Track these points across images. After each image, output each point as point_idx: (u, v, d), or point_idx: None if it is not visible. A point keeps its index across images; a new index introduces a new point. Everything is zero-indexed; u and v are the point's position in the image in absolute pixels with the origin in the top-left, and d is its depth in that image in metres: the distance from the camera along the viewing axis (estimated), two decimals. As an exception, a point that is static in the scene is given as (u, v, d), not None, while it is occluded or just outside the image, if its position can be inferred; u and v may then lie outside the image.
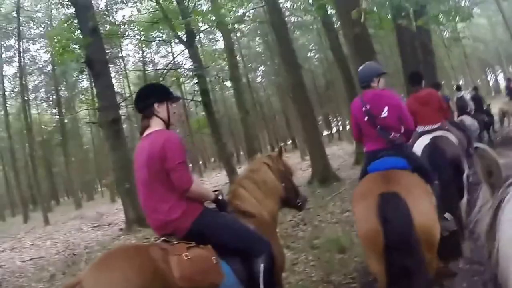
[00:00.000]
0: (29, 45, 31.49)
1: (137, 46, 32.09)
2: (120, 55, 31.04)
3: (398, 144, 4.15)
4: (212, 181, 25.54)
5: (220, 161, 24.51)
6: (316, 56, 44.14)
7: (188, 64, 21.41)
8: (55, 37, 14.68)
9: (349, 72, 16.20)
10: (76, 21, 14.69)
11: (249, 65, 39.66)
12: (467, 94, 12.28)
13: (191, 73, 19.01)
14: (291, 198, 4.09)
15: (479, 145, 1.39)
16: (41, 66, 33.17)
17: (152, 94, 3.41)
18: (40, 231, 19.90)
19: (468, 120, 9.95)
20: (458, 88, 12.24)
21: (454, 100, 11.16)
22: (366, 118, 4.24)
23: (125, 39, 21.28)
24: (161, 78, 18.94)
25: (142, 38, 20.85)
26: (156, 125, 3.32)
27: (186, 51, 18.94)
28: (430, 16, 10.26)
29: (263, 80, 46.57)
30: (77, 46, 14.46)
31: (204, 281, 2.90)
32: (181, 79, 20.83)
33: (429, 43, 11.95)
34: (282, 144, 52.87)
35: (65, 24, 16.03)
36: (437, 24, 13.08)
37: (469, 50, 41.14)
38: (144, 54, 36.05)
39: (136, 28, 20.37)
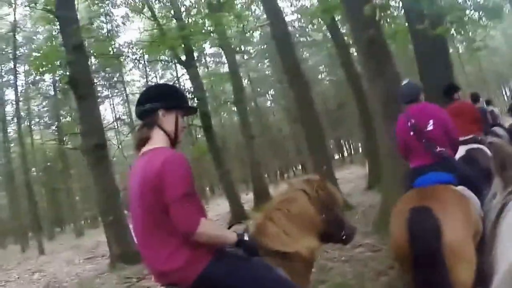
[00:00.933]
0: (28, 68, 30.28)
1: (142, 70, 31.53)
2: (122, 79, 30.07)
3: (445, 158, 4.10)
4: (218, 209, 24.32)
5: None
6: (327, 78, 43.33)
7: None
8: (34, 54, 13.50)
9: (361, 90, 15.30)
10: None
11: (258, 89, 38.90)
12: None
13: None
14: (334, 233, 3.26)
15: (495, 139, 1.55)
16: (43, 90, 32.27)
17: (159, 96, 2.66)
18: (33, 262, 19.13)
19: (500, 131, 9.71)
20: (488, 103, 11.92)
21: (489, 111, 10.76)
22: (411, 132, 4.25)
23: (119, 58, 20.07)
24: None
25: (138, 58, 20.02)
26: (157, 139, 2.60)
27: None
28: (451, 23, 9.15)
29: (272, 104, 45.65)
30: (59, 64, 13.33)
31: None
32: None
33: (446, 56, 10.77)
34: (293, 169, 51.68)
35: (50, 42, 14.90)
36: (458, 33, 12.00)
37: (484, 64, 40.00)
38: (150, 78, 35.30)
39: (134, 49, 19.76)
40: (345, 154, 53.04)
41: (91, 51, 18.84)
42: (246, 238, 2.63)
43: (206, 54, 31.86)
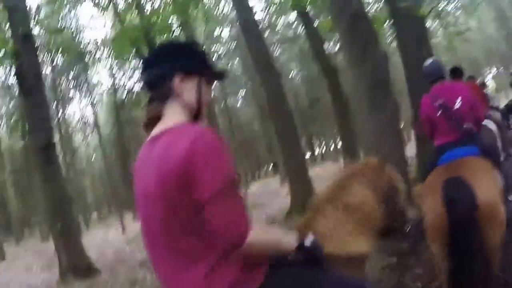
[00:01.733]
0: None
1: (109, 71, 30.25)
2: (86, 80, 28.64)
3: (470, 133, 4.16)
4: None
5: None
6: (299, 75, 42.80)
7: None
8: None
9: (337, 84, 14.54)
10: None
11: (227, 90, 38.01)
12: None
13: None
14: (395, 226, 2.66)
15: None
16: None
17: (175, 56, 1.86)
18: None
19: (496, 115, 9.27)
20: (483, 85, 11.50)
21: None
22: (439, 112, 4.29)
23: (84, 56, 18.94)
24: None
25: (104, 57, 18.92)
26: (173, 116, 1.82)
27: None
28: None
29: (244, 103, 44.63)
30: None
31: None
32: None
33: (428, 44, 10.12)
34: (264, 169, 50.87)
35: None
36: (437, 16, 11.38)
37: (460, 53, 40.18)
38: (117, 80, 33.86)
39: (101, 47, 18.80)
40: (316, 151, 52.53)
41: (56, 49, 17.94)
42: (308, 243, 1.92)
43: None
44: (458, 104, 4.20)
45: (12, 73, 13.29)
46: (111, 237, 21.88)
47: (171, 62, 1.85)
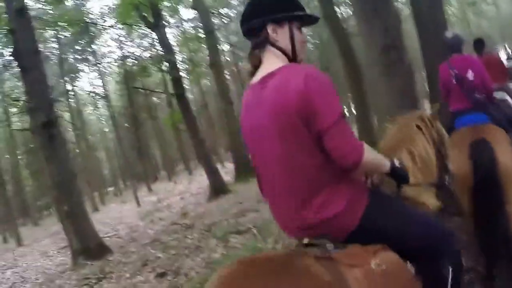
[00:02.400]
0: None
1: (117, 41, 29.61)
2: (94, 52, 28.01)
3: (482, 103, 4.39)
4: (200, 179, 22.85)
5: (199, 160, 21.69)
6: (311, 41, 42.20)
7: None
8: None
9: (349, 48, 13.66)
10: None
11: (239, 53, 37.27)
12: None
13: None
14: (442, 182, 2.62)
15: None
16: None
17: (265, 8, 1.98)
18: (11, 255, 17.71)
19: None
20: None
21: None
22: (454, 81, 4.50)
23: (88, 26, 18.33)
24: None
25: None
26: (273, 60, 1.98)
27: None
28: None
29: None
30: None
31: None
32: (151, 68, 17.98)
33: (443, 15, 9.64)
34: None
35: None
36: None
37: (473, 28, 38.85)
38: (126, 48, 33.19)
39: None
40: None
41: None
42: (397, 163, 2.12)
43: (184, 20, 29.89)
44: (470, 76, 4.42)
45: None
46: (126, 212, 21.82)
47: (263, 13, 1.97)
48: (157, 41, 16.50)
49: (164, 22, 15.97)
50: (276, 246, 6.52)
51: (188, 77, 24.32)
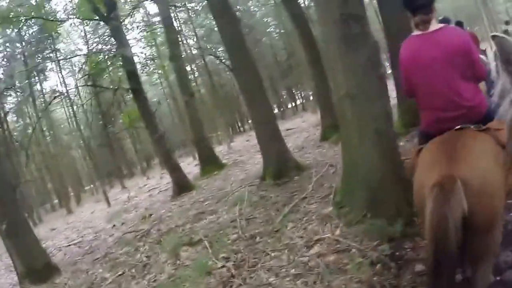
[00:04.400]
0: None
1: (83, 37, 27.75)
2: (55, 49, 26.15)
3: None
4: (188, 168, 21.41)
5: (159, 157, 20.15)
6: (277, 31, 41.63)
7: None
8: None
9: (310, 36, 12.80)
10: None
11: (207, 46, 35.58)
12: None
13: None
14: None
15: (497, 33, 1.28)
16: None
17: None
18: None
19: None
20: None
21: None
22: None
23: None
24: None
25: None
26: (435, 22, 3.00)
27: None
28: None
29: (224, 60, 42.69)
30: None
31: None
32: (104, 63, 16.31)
33: None
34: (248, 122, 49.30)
35: None
36: None
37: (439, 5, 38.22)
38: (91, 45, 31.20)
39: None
40: (298, 102, 50.92)
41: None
42: None
43: (149, 14, 28.14)
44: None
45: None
46: (97, 212, 20.20)
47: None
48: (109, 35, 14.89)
49: (117, 14, 14.21)
50: (227, 264, 5.17)
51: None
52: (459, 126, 2.68)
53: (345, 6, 4.98)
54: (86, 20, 17.77)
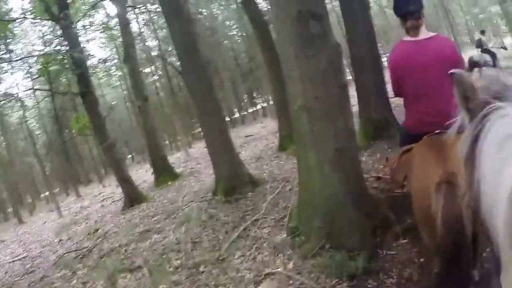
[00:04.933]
0: None
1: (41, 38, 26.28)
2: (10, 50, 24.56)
3: None
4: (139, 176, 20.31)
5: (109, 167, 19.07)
6: (239, 34, 41.32)
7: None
8: None
9: (266, 33, 12.16)
10: None
11: (168, 48, 34.65)
12: None
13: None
14: None
15: (455, 70, 1.25)
16: None
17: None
18: None
19: None
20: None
21: None
22: None
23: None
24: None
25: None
26: (424, 29, 3.16)
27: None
28: None
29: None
30: None
31: None
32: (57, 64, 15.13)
33: None
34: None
35: None
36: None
37: (392, 20, 38.34)
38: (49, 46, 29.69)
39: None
40: (259, 106, 49.96)
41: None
42: None
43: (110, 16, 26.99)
44: None
45: None
46: (48, 224, 18.96)
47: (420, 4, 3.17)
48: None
49: (67, 13, 13.14)
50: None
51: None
52: (438, 131, 2.76)
53: (303, 2, 4.29)
54: (38, 20, 16.51)
